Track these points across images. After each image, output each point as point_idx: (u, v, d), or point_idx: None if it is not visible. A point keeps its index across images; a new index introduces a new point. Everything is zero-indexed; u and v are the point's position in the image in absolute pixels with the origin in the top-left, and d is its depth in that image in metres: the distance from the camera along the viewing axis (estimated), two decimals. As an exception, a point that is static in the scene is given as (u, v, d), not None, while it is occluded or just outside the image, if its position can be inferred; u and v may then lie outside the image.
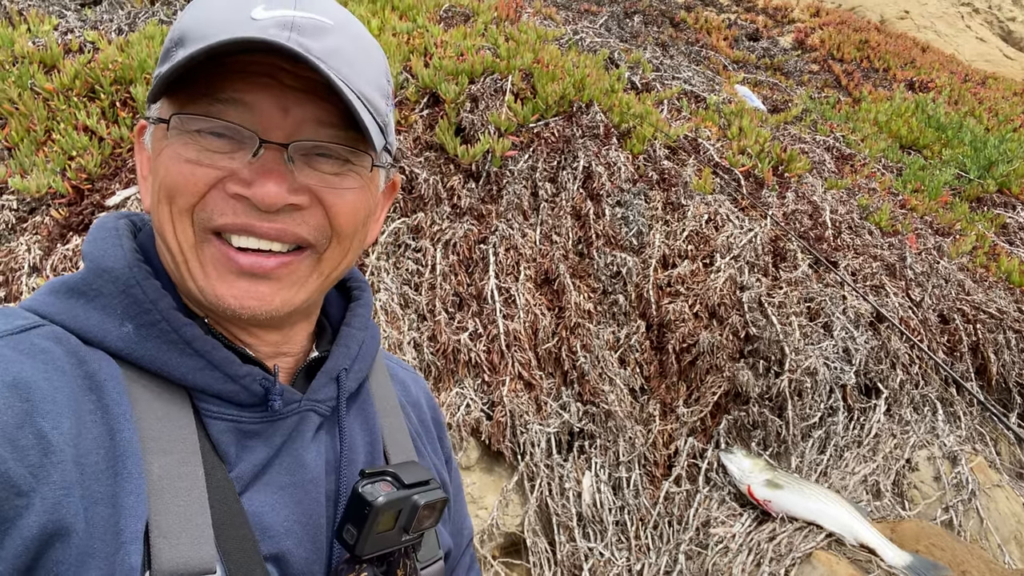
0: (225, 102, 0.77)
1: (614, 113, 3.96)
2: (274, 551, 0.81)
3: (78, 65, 3.34)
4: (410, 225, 3.20)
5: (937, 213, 4.93)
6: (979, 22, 13.44)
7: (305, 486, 0.86)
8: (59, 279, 0.82)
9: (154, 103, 0.83)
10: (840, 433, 3.26)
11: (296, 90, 0.79)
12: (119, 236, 0.84)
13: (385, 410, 1.02)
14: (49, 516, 0.64)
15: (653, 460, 3.04)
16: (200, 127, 0.78)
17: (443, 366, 2.92)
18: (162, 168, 0.80)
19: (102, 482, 0.70)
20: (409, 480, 0.86)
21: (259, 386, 0.83)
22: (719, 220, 3.65)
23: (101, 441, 0.72)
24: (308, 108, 0.79)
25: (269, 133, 0.78)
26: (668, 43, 7.10)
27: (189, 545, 0.72)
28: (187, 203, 0.78)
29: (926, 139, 6.40)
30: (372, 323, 1.04)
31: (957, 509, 3.13)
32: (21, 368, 0.69)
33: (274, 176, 0.77)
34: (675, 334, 3.22)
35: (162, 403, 0.78)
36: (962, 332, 3.84)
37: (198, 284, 0.81)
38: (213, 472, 0.78)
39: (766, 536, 2.75)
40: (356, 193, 0.85)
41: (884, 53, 8.89)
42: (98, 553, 0.67)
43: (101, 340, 0.78)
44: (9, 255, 2.77)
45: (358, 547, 0.81)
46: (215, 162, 0.78)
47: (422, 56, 3.86)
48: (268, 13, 0.76)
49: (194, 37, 0.76)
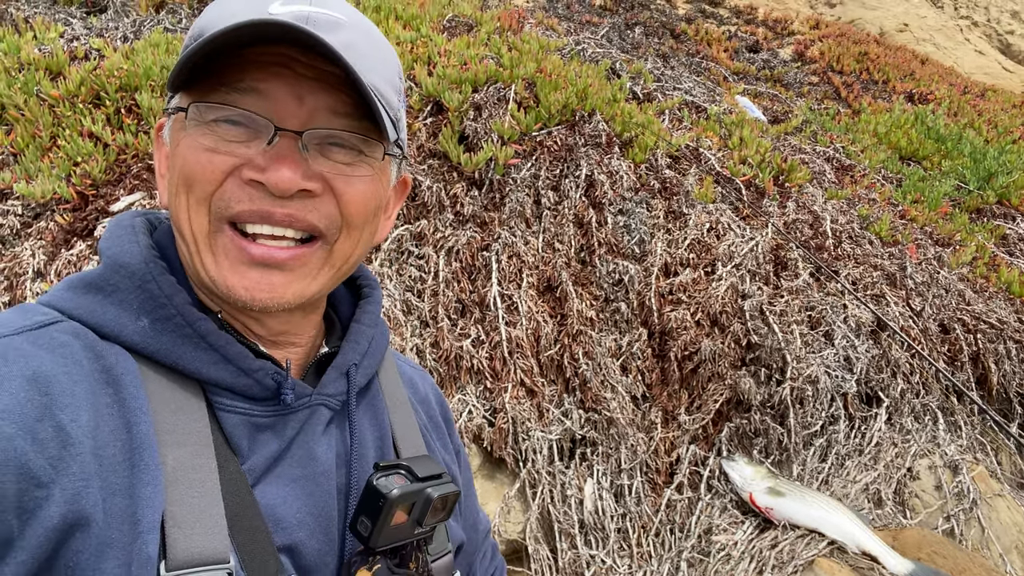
0: (242, 91, 0.79)
1: (616, 122, 3.98)
2: (287, 542, 0.82)
3: (84, 72, 3.36)
4: (413, 232, 3.22)
5: (937, 224, 4.94)
6: (978, 35, 13.52)
7: (317, 479, 0.87)
8: (77, 275, 0.83)
9: (173, 97, 0.84)
10: (841, 441, 3.26)
11: (310, 79, 0.80)
12: (135, 233, 0.86)
13: (395, 406, 1.03)
14: (69, 507, 0.65)
15: (655, 467, 3.04)
16: (217, 116, 0.79)
17: (445, 373, 2.93)
18: (180, 158, 0.81)
19: (119, 473, 0.71)
20: (422, 473, 0.87)
21: (271, 380, 0.84)
22: (720, 229, 3.67)
23: (118, 433, 0.73)
24: (322, 97, 0.81)
25: (284, 121, 0.79)
26: (669, 54, 7.14)
27: (203, 535, 0.73)
28: (204, 191, 0.80)
29: (926, 150, 6.43)
30: (382, 320, 1.05)
31: (958, 518, 3.12)
32: (41, 362, 0.70)
33: (288, 162, 0.78)
34: (677, 342, 3.22)
35: (177, 396, 0.79)
36: (963, 342, 3.85)
37: (210, 274, 0.82)
38: (226, 464, 0.79)
39: (768, 543, 2.75)
40: (367, 182, 0.86)
41: (884, 65, 8.94)
42: (116, 543, 0.68)
43: (118, 335, 0.79)
44: (14, 260, 2.77)
45: (372, 539, 0.82)
46: (232, 150, 0.79)
47: (426, 65, 3.89)
48: (284, 8, 0.78)
49: (213, 31, 0.78)
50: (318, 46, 0.76)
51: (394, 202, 0.99)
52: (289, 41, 0.77)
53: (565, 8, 8.05)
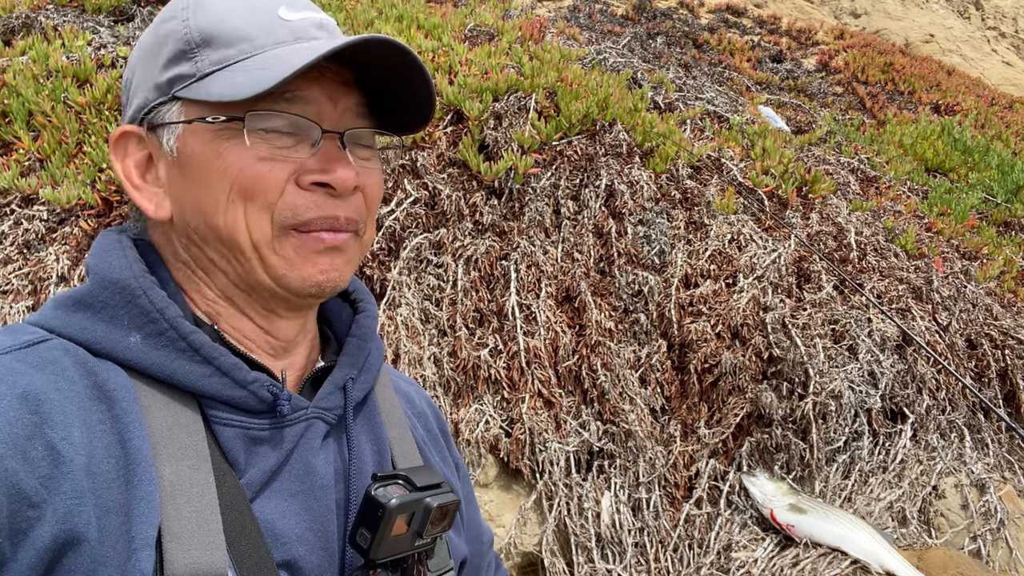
0: (289, 100, 0.81)
1: (637, 132, 3.96)
2: (286, 558, 0.81)
3: (110, 79, 3.41)
4: (432, 241, 3.21)
5: (964, 237, 4.86)
6: (1005, 46, 13.34)
7: (315, 493, 0.86)
8: (64, 293, 0.83)
9: (167, 103, 0.83)
10: (865, 458, 3.20)
11: (337, 83, 0.85)
12: (123, 248, 0.85)
13: (391, 421, 1.02)
14: (61, 526, 0.65)
15: (674, 482, 3.00)
16: (265, 125, 0.81)
17: (463, 382, 2.91)
18: (232, 168, 0.80)
19: (114, 490, 0.70)
20: (421, 483, 0.85)
21: (267, 392, 0.83)
22: (742, 240, 3.63)
23: (112, 450, 0.72)
24: (350, 99, 0.86)
25: (324, 123, 0.83)
26: (691, 64, 7.11)
27: (201, 550, 0.72)
28: (268, 200, 0.81)
29: (952, 162, 6.33)
30: (377, 335, 1.05)
31: (985, 538, 3.05)
32: (31, 380, 0.69)
33: (343, 162, 0.83)
34: (697, 354, 3.19)
35: (172, 411, 0.79)
36: (990, 358, 3.77)
37: (277, 273, 0.84)
38: (223, 478, 0.78)
39: (789, 561, 2.70)
40: (379, 175, 0.92)
41: (909, 76, 8.83)
42: (110, 560, 0.67)
43: (109, 351, 0.78)
44: (38, 265, 2.81)
45: (372, 551, 0.81)
46: (286, 156, 0.82)
47: (447, 74, 3.90)
48: (297, 15, 0.83)
49: (231, 38, 0.80)
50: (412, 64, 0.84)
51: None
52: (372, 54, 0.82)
53: (587, 18, 8.04)
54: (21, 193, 3.00)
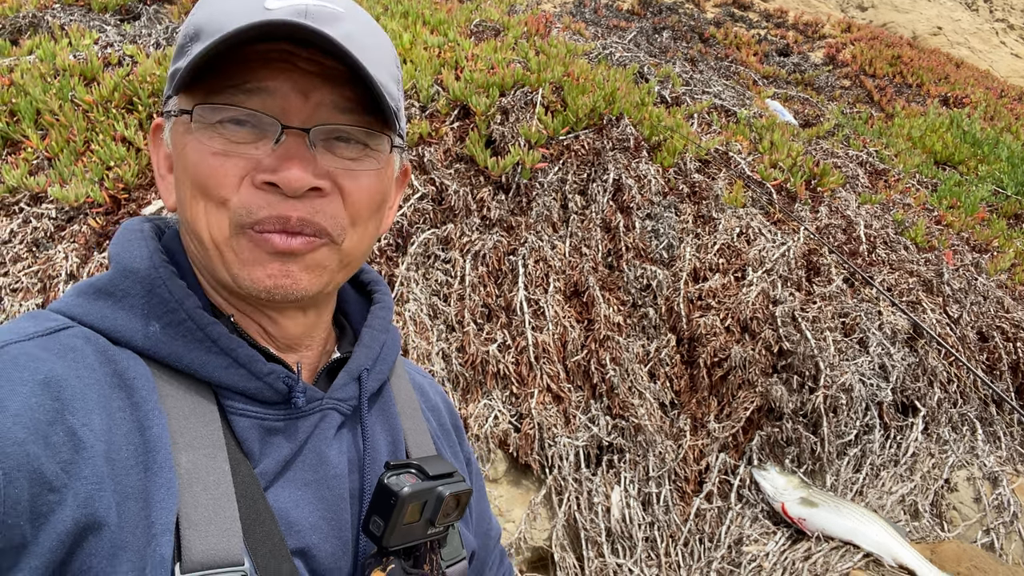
0: (248, 91, 0.78)
1: (644, 126, 3.95)
2: (300, 546, 0.81)
3: (117, 78, 3.41)
4: (440, 236, 3.21)
5: (974, 230, 4.82)
6: (1014, 38, 13.24)
7: (329, 482, 0.86)
8: (86, 281, 0.83)
9: (171, 98, 0.83)
10: (876, 451, 3.18)
11: (313, 75, 0.79)
12: (144, 238, 0.86)
13: (406, 412, 1.02)
14: (82, 510, 0.65)
15: (684, 476, 2.99)
16: (223, 117, 0.78)
17: (471, 377, 2.91)
18: (190, 163, 0.80)
19: (133, 477, 0.71)
20: (433, 472, 0.86)
21: (282, 383, 0.84)
22: (751, 234, 3.61)
23: (131, 437, 0.73)
24: (326, 92, 0.80)
25: (290, 119, 0.79)
26: (697, 58, 7.08)
27: (218, 537, 0.73)
28: (221, 196, 0.79)
29: (961, 155, 6.28)
30: (393, 326, 1.04)
31: (998, 531, 3.03)
32: (52, 367, 0.70)
33: (297, 161, 0.78)
34: (706, 348, 3.17)
35: (189, 400, 0.79)
36: (1002, 350, 3.74)
37: (232, 272, 0.82)
38: (238, 467, 0.79)
39: (801, 555, 2.69)
40: (372, 177, 0.85)
41: (917, 69, 8.77)
42: (130, 545, 0.68)
43: (129, 340, 0.79)
44: (47, 262, 2.81)
45: (385, 538, 0.81)
46: (242, 152, 0.79)
47: (453, 69, 3.89)
48: (281, 3, 0.77)
49: (210, 30, 0.77)
50: (322, 41, 0.75)
51: (396, 192, 0.99)
52: (292, 38, 0.77)
53: (593, 13, 8.02)
54: (30, 191, 3.01)
